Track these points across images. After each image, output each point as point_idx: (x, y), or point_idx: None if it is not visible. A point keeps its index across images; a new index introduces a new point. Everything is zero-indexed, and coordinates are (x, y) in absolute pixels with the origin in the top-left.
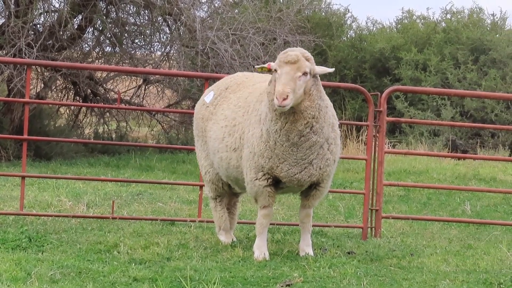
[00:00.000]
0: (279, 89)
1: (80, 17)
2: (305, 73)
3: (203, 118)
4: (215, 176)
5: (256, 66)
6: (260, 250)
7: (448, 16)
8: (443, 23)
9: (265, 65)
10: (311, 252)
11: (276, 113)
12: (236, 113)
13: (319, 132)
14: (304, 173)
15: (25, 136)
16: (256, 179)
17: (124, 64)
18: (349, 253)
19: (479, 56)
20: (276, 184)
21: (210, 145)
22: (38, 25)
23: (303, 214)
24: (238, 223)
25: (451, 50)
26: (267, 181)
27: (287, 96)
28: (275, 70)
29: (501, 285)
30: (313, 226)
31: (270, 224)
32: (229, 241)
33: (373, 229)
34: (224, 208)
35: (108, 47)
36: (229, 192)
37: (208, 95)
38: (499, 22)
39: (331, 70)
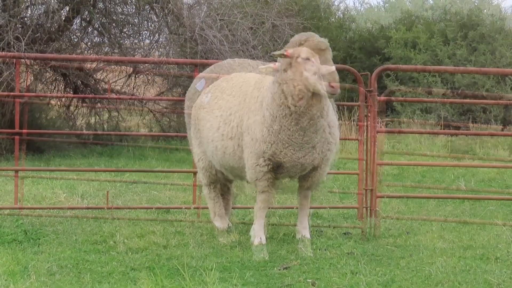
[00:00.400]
0: (334, 76)
1: (67, 8)
2: None
3: (196, 106)
4: (208, 163)
5: (274, 53)
6: (257, 234)
7: None
8: (430, 0)
9: (283, 51)
10: (307, 235)
11: (296, 98)
12: (231, 102)
13: (325, 116)
14: (308, 157)
15: (17, 129)
16: (257, 164)
17: (113, 54)
18: (345, 233)
19: (467, 32)
20: (277, 169)
21: (204, 134)
22: (26, 18)
23: (301, 196)
24: (233, 208)
25: (439, 27)
26: (268, 167)
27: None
28: (307, 59)
29: (498, 260)
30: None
31: None
32: (224, 226)
33: (369, 209)
34: (218, 194)
35: (96, 38)
36: (222, 178)
37: (199, 83)
38: (498, 23)
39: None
